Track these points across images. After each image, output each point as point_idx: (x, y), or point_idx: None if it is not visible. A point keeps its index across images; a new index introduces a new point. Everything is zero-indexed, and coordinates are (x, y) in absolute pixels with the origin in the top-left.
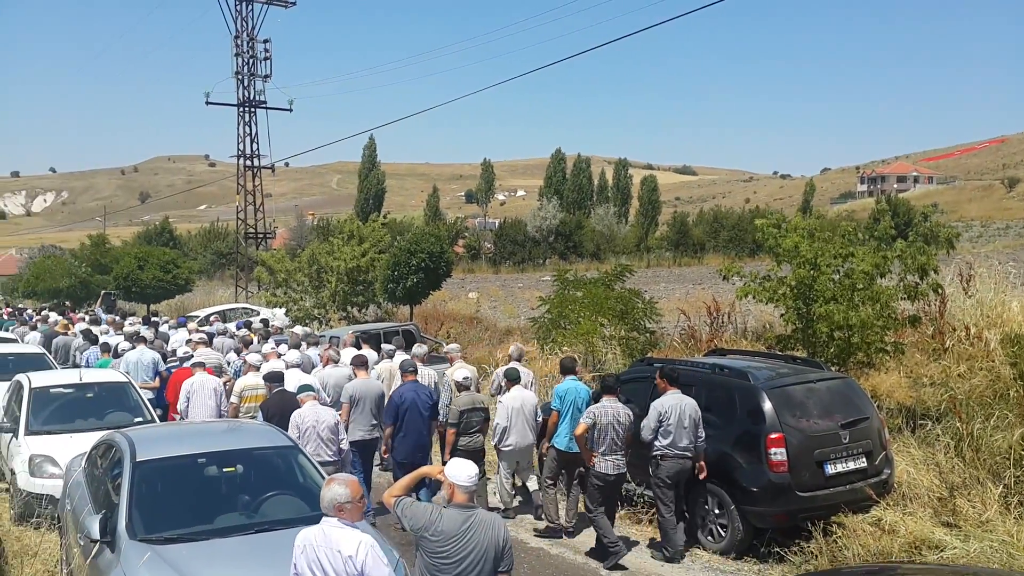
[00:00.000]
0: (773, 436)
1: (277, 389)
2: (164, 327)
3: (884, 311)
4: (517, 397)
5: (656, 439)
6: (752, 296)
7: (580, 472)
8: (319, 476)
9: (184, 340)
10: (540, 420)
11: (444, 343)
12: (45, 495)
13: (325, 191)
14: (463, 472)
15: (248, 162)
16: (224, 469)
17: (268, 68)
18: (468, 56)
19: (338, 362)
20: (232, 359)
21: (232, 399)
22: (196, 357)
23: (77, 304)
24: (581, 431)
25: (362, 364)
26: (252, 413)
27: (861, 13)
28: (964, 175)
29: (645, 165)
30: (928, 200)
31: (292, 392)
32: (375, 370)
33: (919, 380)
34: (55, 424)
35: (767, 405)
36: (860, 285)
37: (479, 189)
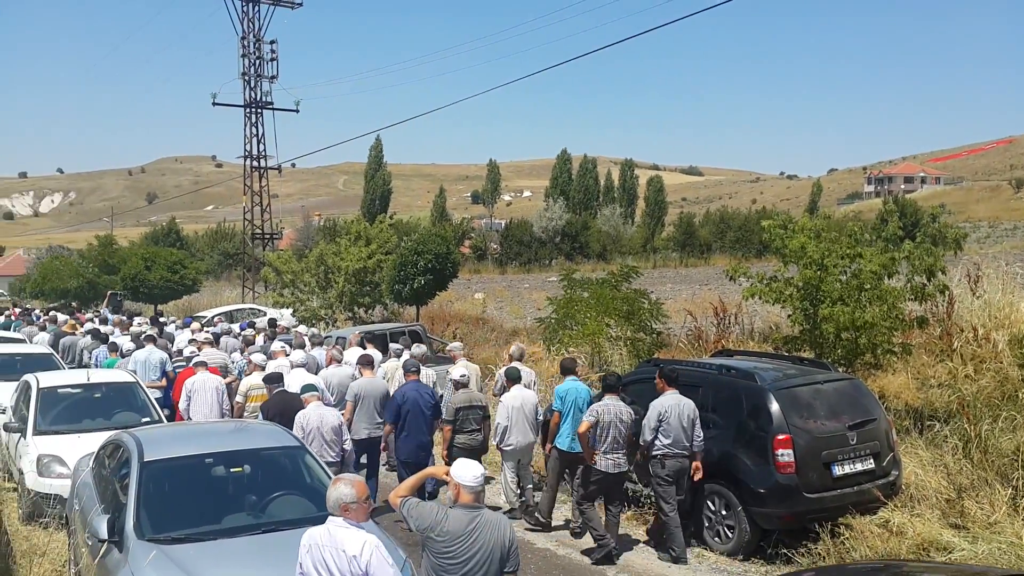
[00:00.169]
0: (780, 437)
1: (277, 390)
2: (170, 327)
3: (892, 312)
4: (517, 396)
5: (656, 439)
6: (759, 297)
7: (580, 468)
8: (326, 476)
9: (187, 340)
10: (541, 419)
11: (448, 343)
12: (53, 495)
13: (331, 192)
14: (468, 472)
15: (255, 163)
16: (231, 469)
17: (275, 69)
18: (474, 57)
19: (341, 362)
20: (236, 358)
21: (237, 399)
22: (201, 357)
23: (84, 304)
24: (584, 428)
25: (367, 363)
26: (256, 412)
27: (868, 12)
28: (971, 176)
29: (651, 166)
30: (935, 201)
31: (292, 392)
32: (382, 368)
33: (927, 381)
34: (63, 424)
35: (774, 406)
36: (868, 285)
37: (485, 190)
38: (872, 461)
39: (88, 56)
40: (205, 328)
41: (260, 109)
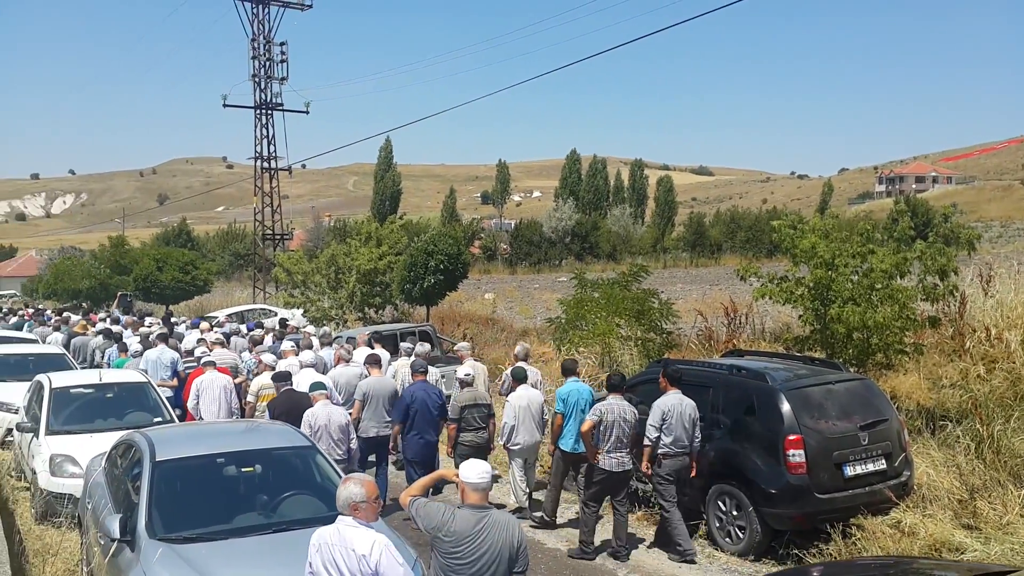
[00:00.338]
0: (791, 438)
1: (285, 388)
2: (180, 327)
3: (903, 312)
4: (523, 396)
5: (660, 437)
6: (769, 297)
7: (583, 467)
8: (336, 476)
9: (196, 340)
10: (547, 419)
11: (457, 343)
12: (66, 494)
13: (341, 192)
14: (474, 471)
15: (265, 164)
16: (243, 469)
17: (285, 71)
18: (484, 58)
19: (350, 361)
20: (245, 357)
21: (249, 398)
22: (211, 357)
23: (96, 305)
24: (587, 427)
25: (375, 362)
26: (266, 411)
27: (880, 12)
28: (983, 175)
29: (661, 166)
30: (947, 200)
31: (299, 391)
32: (392, 367)
33: (939, 381)
34: (75, 424)
35: (785, 406)
36: (879, 285)
37: (495, 190)
38: (884, 462)
39: (99, 58)
40: (214, 328)
41: (270, 110)
